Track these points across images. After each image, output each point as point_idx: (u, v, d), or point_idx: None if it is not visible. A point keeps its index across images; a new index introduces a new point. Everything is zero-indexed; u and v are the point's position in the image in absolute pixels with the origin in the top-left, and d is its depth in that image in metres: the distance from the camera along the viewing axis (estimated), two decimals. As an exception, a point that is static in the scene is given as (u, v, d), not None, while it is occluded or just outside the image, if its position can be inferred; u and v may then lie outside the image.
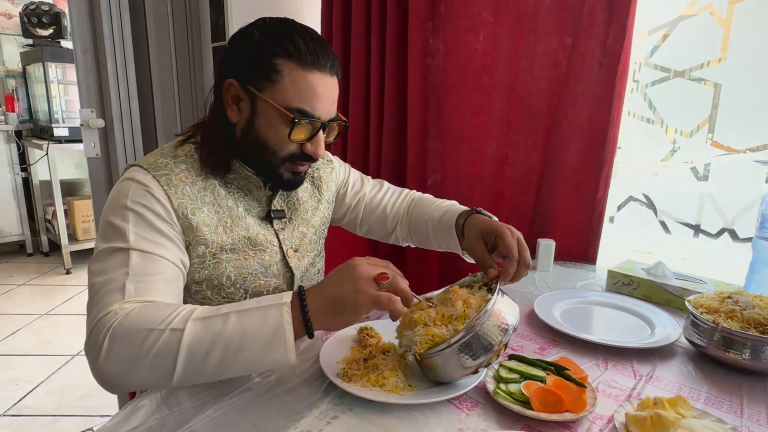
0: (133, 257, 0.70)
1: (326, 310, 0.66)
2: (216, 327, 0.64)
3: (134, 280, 0.69)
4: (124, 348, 0.63)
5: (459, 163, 1.58)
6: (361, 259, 0.69)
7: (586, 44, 1.33)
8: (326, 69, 0.78)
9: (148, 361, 0.63)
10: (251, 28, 0.79)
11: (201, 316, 0.65)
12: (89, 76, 1.76)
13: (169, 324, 0.63)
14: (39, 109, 3.72)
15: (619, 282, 1.17)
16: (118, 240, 0.71)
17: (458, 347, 0.68)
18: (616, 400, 0.73)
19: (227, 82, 0.79)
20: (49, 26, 3.54)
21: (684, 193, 1.48)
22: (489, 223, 0.87)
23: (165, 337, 0.63)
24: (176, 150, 0.83)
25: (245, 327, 0.64)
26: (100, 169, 1.83)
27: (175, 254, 0.76)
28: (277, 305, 0.66)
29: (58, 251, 3.62)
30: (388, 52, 1.65)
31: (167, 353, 0.62)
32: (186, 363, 0.63)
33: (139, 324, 0.64)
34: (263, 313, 0.65)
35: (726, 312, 0.85)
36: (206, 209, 0.80)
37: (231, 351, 0.63)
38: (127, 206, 0.73)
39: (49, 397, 2.06)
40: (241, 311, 0.65)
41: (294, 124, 0.77)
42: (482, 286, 0.80)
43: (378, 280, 0.67)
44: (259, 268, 0.86)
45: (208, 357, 0.63)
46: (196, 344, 0.63)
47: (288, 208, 0.93)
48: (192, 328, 0.63)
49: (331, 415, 0.68)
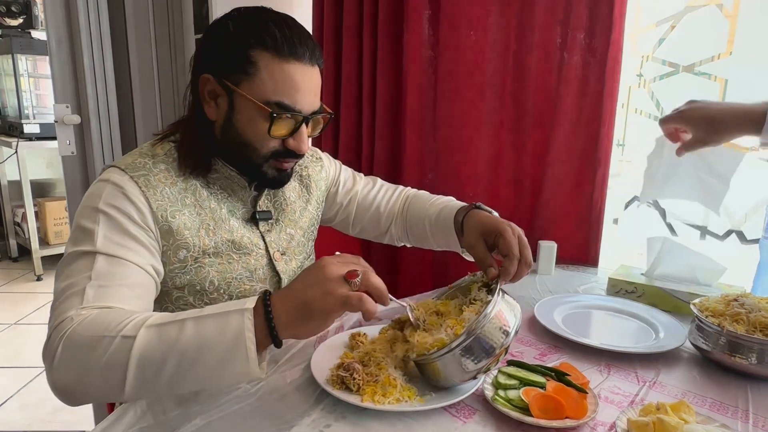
0: (98, 261, 0.71)
1: (294, 317, 0.64)
2: (171, 335, 0.62)
3: (95, 285, 0.69)
4: (75, 356, 0.63)
5: (452, 162, 1.61)
6: (330, 258, 0.67)
7: (574, 39, 1.37)
8: (305, 59, 0.78)
9: (98, 371, 0.62)
10: (226, 19, 0.80)
11: (156, 323, 0.63)
12: (64, 70, 1.77)
13: (120, 331, 0.62)
14: (7, 105, 3.70)
15: (621, 290, 1.19)
16: (86, 243, 0.72)
17: (460, 351, 0.70)
18: (619, 406, 0.76)
19: (203, 77, 0.80)
20: (18, 15, 3.52)
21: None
22: (489, 219, 0.88)
23: (115, 345, 0.62)
24: (155, 149, 0.84)
25: (202, 336, 0.62)
26: (75, 169, 1.84)
27: (146, 259, 0.76)
28: (239, 311, 0.63)
29: (28, 256, 3.60)
30: (381, 44, 1.67)
31: (117, 362, 0.61)
32: (137, 374, 0.61)
33: (92, 331, 0.63)
34: (223, 321, 0.63)
35: (732, 315, 0.87)
36: (187, 211, 0.81)
37: (186, 362, 0.61)
38: (99, 208, 0.74)
39: (20, 413, 2.05)
40: (199, 318, 0.63)
41: (273, 118, 0.77)
42: (482, 287, 0.82)
43: (348, 279, 0.64)
44: (244, 273, 0.87)
45: (161, 368, 0.61)
46: (147, 354, 0.61)
47: (275, 209, 0.94)
48: (144, 335, 0.62)
49: (323, 423, 0.70)
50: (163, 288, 0.83)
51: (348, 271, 0.65)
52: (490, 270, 0.81)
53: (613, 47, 1.32)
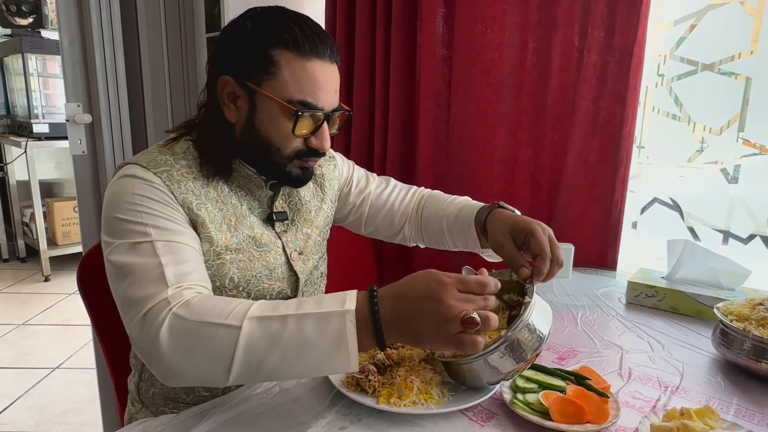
0: (158, 247, 0.72)
1: (400, 337, 0.66)
2: (273, 329, 0.65)
3: (171, 267, 0.71)
4: (183, 339, 0.65)
5: (467, 163, 1.61)
6: (451, 286, 0.64)
7: (594, 37, 1.36)
8: (326, 56, 0.79)
9: (206, 357, 0.65)
10: (242, 19, 0.80)
11: (258, 314, 0.66)
12: (76, 69, 1.79)
13: (226, 318, 0.65)
14: (17, 104, 3.76)
15: (641, 293, 1.18)
16: (136, 235, 0.73)
17: (499, 353, 0.70)
18: (641, 411, 0.75)
19: (222, 80, 0.80)
20: (29, 15, 3.58)
21: (713, 195, 1.50)
22: (517, 219, 0.87)
23: (222, 333, 0.64)
24: (173, 147, 0.85)
25: (304, 334, 0.64)
26: (86, 168, 1.86)
27: (194, 241, 0.79)
28: (339, 313, 0.65)
29: (36, 257, 3.65)
30: (395, 42, 1.67)
31: (224, 350, 0.64)
32: (243, 363, 0.64)
33: (197, 316, 0.66)
34: (323, 321, 0.65)
35: (757, 319, 0.86)
36: (210, 205, 0.82)
37: (289, 357, 0.64)
38: (136, 202, 0.75)
39: (28, 413, 2.08)
40: (300, 315, 0.65)
41: (297, 117, 0.78)
42: (507, 286, 0.83)
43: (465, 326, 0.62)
44: (263, 271, 0.88)
45: (265, 360, 0.64)
46: (252, 345, 0.64)
47: (290, 209, 0.95)
48: (248, 327, 0.65)
49: (338, 425, 0.70)
50: None
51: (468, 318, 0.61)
52: (523, 270, 0.80)
53: (637, 46, 1.31)
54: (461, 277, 0.66)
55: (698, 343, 0.98)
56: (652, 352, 0.95)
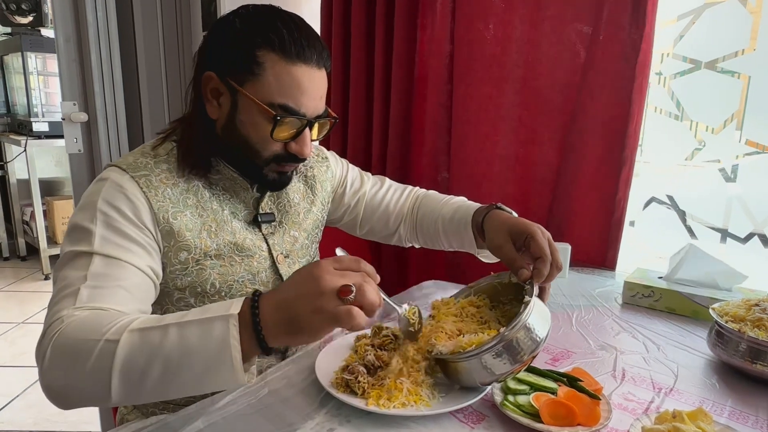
0: (94, 262, 0.71)
1: (283, 330, 0.60)
2: (154, 341, 0.60)
3: (90, 286, 0.69)
4: (63, 359, 0.62)
5: (467, 161, 1.60)
6: (327, 263, 0.62)
7: (600, 33, 1.34)
8: (312, 61, 0.78)
9: (84, 375, 0.61)
10: (233, 15, 0.80)
11: (139, 327, 0.62)
12: (72, 67, 1.79)
13: (105, 334, 0.61)
14: (17, 103, 3.76)
15: (638, 294, 1.17)
16: (83, 243, 0.72)
17: (492, 354, 0.70)
18: (633, 413, 0.74)
19: (206, 75, 0.80)
20: (28, 13, 3.58)
21: (711, 194, 1.49)
22: (516, 221, 0.86)
23: (99, 350, 0.61)
24: (157, 148, 0.84)
25: (186, 342, 0.60)
26: (82, 166, 1.86)
27: (144, 261, 0.76)
28: (223, 318, 0.60)
29: (36, 255, 3.66)
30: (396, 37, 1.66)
31: (101, 367, 0.60)
32: (122, 379, 0.60)
33: (79, 334, 0.63)
34: (206, 327, 0.60)
35: (753, 321, 0.86)
36: (189, 213, 0.81)
37: (171, 369, 0.60)
38: (97, 208, 0.74)
39: (27, 412, 2.08)
40: (182, 323, 0.61)
41: (276, 121, 0.77)
42: (505, 288, 0.83)
43: (341, 296, 0.59)
44: (246, 276, 0.87)
45: (145, 374, 0.60)
46: (131, 359, 0.60)
47: (278, 211, 0.94)
48: (128, 340, 0.61)
49: (327, 427, 0.70)
50: (164, 289, 0.83)
51: (342, 286, 0.59)
52: (523, 271, 0.80)
53: (645, 42, 1.29)
54: (336, 257, 0.64)
55: (694, 344, 0.97)
56: (647, 353, 0.94)
